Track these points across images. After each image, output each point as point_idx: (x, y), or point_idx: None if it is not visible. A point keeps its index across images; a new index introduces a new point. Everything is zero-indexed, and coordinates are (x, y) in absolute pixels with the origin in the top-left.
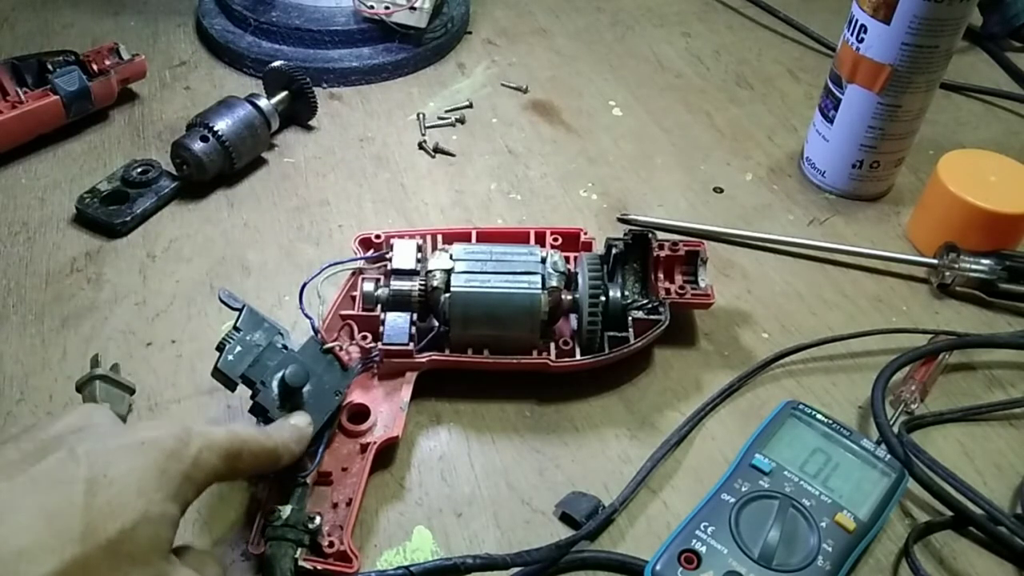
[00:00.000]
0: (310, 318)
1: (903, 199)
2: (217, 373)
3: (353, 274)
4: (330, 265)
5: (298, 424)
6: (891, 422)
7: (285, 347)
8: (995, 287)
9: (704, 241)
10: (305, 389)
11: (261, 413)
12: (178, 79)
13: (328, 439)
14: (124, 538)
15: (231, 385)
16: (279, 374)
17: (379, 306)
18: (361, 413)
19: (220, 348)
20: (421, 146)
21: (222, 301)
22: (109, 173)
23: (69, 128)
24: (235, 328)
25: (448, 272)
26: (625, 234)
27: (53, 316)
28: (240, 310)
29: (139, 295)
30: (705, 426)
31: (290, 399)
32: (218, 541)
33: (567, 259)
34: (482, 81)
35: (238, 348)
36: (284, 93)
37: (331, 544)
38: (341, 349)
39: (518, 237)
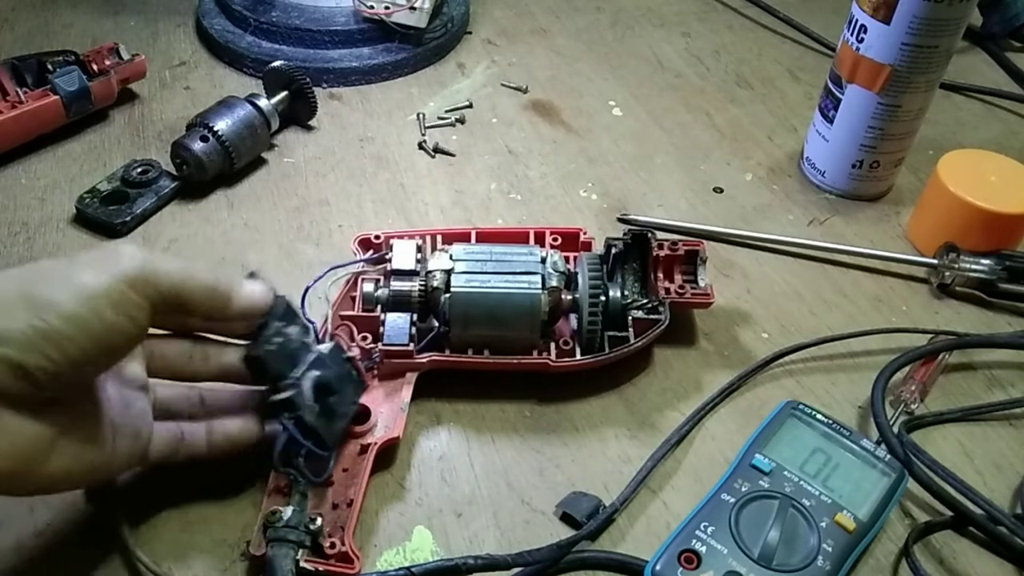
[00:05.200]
0: (312, 323)
1: (903, 199)
2: (253, 361)
3: (353, 275)
4: (332, 269)
5: (252, 284)
6: (891, 422)
7: (312, 345)
8: (995, 287)
9: (704, 241)
10: (332, 397)
11: (291, 410)
12: (178, 79)
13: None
14: None
15: (261, 377)
16: (311, 374)
17: (379, 307)
18: (362, 414)
19: (255, 335)
20: (421, 146)
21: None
22: (109, 173)
23: (69, 128)
24: (273, 317)
25: (448, 272)
26: (625, 234)
27: None
28: (272, 304)
29: None
30: (705, 426)
31: (324, 402)
32: (218, 542)
33: (567, 259)
34: (482, 81)
35: (278, 339)
36: (284, 93)
37: (332, 545)
38: (359, 359)
39: (518, 237)
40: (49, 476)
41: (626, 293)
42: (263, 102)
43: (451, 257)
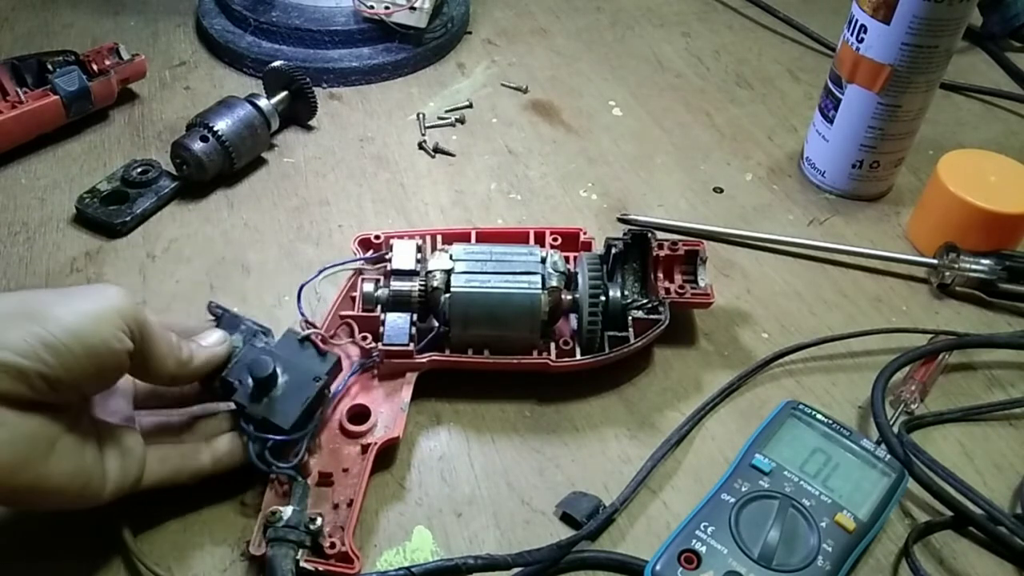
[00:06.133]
0: (303, 314)
1: (903, 199)
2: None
3: (353, 275)
4: (328, 268)
5: (210, 340)
6: (891, 422)
7: (265, 344)
8: (995, 287)
9: (704, 241)
10: (282, 380)
11: (239, 410)
12: (178, 79)
13: (314, 431)
14: None
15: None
16: (247, 371)
17: (379, 306)
18: (362, 414)
19: None
20: (421, 146)
21: (209, 310)
22: (109, 173)
23: (69, 128)
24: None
25: (448, 272)
26: (625, 234)
27: None
28: (219, 318)
29: (139, 295)
30: (705, 426)
31: (263, 390)
32: (218, 542)
33: (567, 259)
34: (482, 81)
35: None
36: (284, 93)
37: (332, 545)
38: (320, 338)
39: (518, 237)
40: (48, 477)
41: (626, 293)
42: (263, 102)
43: (451, 257)
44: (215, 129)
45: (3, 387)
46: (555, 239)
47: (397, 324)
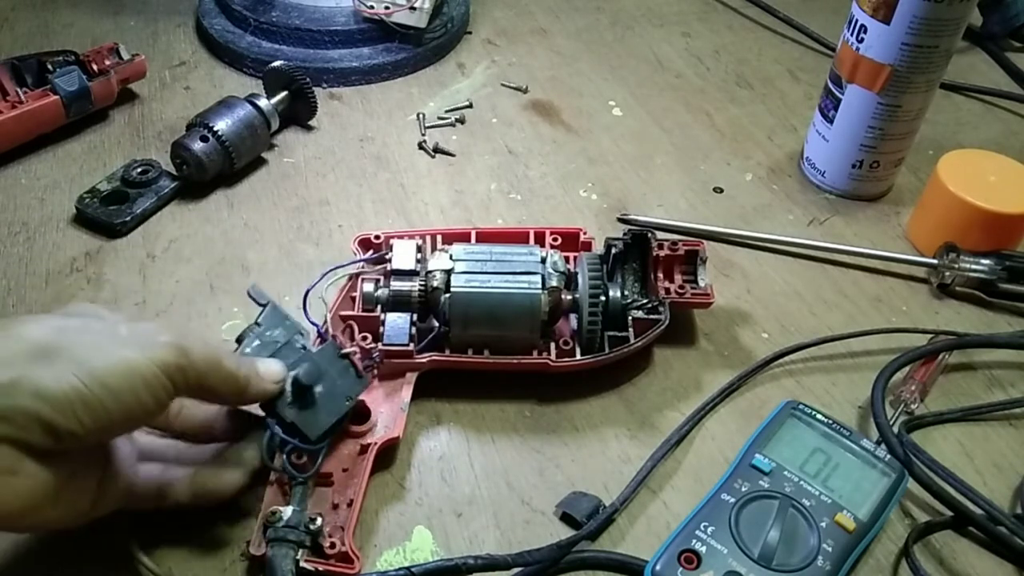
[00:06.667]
0: (316, 324)
1: (903, 199)
2: None
3: (353, 275)
4: (332, 270)
5: (270, 367)
6: (891, 422)
7: (304, 347)
8: (995, 287)
9: (704, 241)
10: (318, 390)
11: (271, 408)
12: (178, 79)
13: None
14: None
15: None
16: (293, 372)
17: (379, 307)
18: (362, 414)
19: (239, 341)
20: (421, 146)
21: (250, 296)
22: (109, 173)
23: (69, 128)
24: (256, 323)
25: (448, 272)
26: (625, 234)
27: None
28: (264, 306)
29: (139, 295)
30: (705, 426)
31: (302, 398)
32: (218, 542)
33: (567, 259)
34: (482, 81)
35: (256, 342)
36: (284, 93)
37: (332, 545)
38: (356, 355)
39: (518, 237)
40: (46, 519)
41: (626, 293)
42: (263, 102)
43: (451, 257)
44: (215, 129)
45: (33, 439)
46: (555, 239)
47: (397, 324)
